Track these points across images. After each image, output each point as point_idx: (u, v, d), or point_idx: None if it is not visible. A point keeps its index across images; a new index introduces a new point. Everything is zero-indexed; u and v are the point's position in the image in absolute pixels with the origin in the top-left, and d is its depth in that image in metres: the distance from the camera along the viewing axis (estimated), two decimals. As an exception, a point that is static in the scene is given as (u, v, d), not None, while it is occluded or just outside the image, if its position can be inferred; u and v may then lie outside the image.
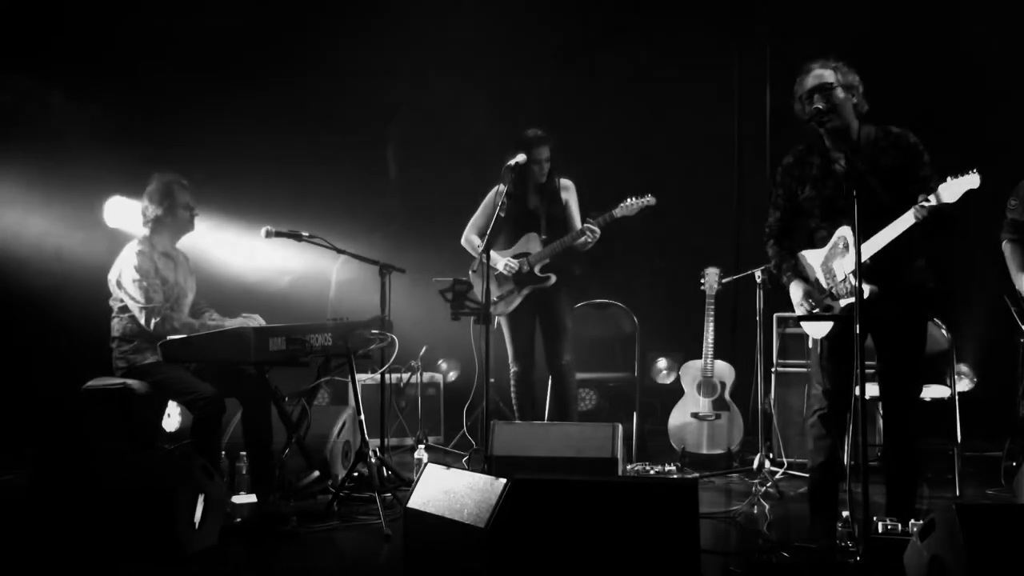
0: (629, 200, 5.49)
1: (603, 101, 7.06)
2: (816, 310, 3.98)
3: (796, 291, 4.04)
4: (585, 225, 5.51)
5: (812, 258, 4.02)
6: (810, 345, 4.37)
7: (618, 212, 5.50)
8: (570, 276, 5.72)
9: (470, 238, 5.83)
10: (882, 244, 3.71)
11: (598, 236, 5.48)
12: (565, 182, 5.73)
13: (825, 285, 3.96)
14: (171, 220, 4.98)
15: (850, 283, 3.76)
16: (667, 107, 7.01)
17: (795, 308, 4.08)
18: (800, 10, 6.68)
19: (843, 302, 3.86)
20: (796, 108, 3.95)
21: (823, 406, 4.06)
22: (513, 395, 5.80)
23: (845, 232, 3.78)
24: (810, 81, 3.90)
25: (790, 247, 4.12)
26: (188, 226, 5.08)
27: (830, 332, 3.97)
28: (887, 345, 3.99)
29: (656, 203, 5.48)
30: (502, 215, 5.56)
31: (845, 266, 3.81)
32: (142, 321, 4.77)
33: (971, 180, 3.53)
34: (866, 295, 3.66)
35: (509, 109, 6.75)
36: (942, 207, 3.58)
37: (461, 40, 7.06)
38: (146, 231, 4.98)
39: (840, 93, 3.85)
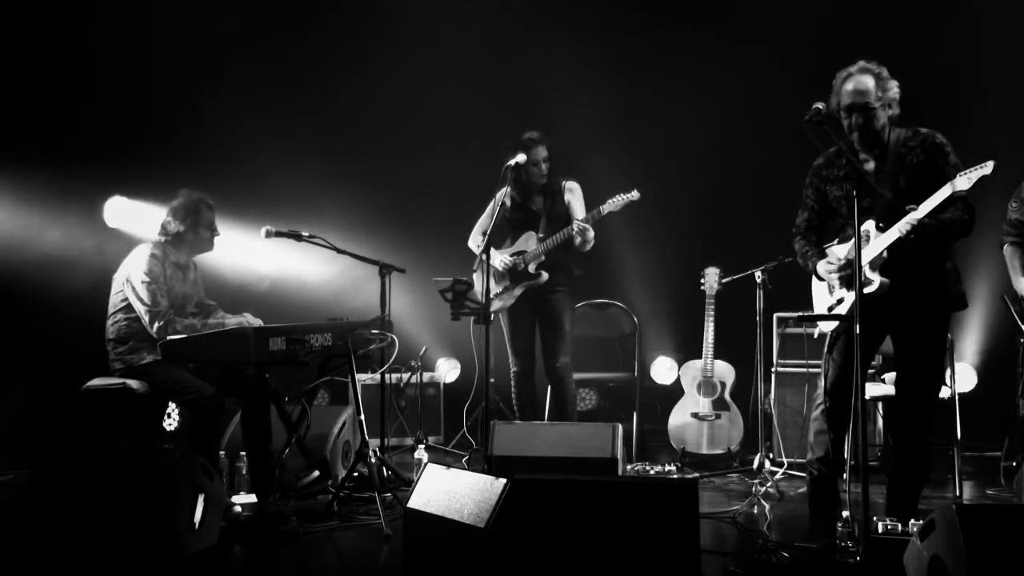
0: (617, 196, 5.46)
1: (606, 99, 7.05)
2: (838, 289, 4.04)
3: (822, 266, 4.10)
4: (575, 221, 5.48)
5: (839, 251, 4.11)
6: (815, 336, 4.40)
7: (606, 208, 5.45)
8: (570, 277, 5.71)
9: (476, 238, 5.84)
10: (878, 250, 3.84)
11: (588, 231, 5.44)
12: (570, 184, 5.71)
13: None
14: (192, 237, 5.00)
15: (866, 273, 3.84)
16: (668, 105, 7.01)
17: (823, 277, 4.11)
18: (802, 9, 6.68)
19: (866, 289, 3.88)
20: (831, 103, 3.92)
21: (827, 401, 4.09)
22: (513, 395, 5.80)
23: (868, 226, 3.90)
24: (851, 93, 3.91)
25: (816, 241, 4.22)
26: (207, 246, 5.10)
27: (838, 327, 4.05)
28: (910, 346, 4.04)
29: (639, 198, 5.41)
30: (506, 216, 5.57)
31: (865, 255, 3.87)
32: (146, 322, 4.77)
33: (984, 168, 3.68)
34: (876, 287, 3.81)
35: (512, 109, 6.75)
36: (924, 224, 3.73)
37: (465, 40, 7.06)
38: (161, 239, 4.99)
39: (879, 113, 3.93)
